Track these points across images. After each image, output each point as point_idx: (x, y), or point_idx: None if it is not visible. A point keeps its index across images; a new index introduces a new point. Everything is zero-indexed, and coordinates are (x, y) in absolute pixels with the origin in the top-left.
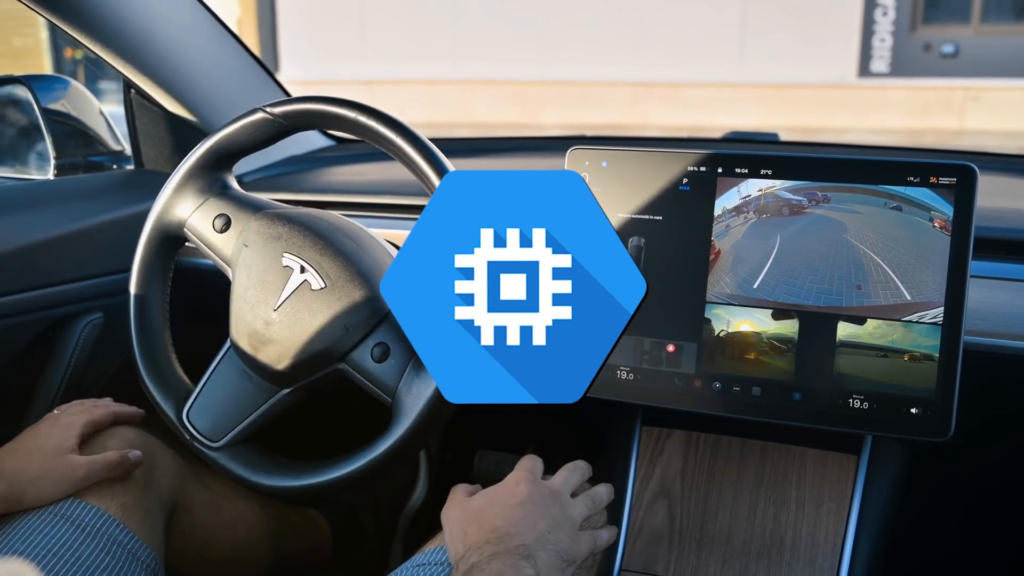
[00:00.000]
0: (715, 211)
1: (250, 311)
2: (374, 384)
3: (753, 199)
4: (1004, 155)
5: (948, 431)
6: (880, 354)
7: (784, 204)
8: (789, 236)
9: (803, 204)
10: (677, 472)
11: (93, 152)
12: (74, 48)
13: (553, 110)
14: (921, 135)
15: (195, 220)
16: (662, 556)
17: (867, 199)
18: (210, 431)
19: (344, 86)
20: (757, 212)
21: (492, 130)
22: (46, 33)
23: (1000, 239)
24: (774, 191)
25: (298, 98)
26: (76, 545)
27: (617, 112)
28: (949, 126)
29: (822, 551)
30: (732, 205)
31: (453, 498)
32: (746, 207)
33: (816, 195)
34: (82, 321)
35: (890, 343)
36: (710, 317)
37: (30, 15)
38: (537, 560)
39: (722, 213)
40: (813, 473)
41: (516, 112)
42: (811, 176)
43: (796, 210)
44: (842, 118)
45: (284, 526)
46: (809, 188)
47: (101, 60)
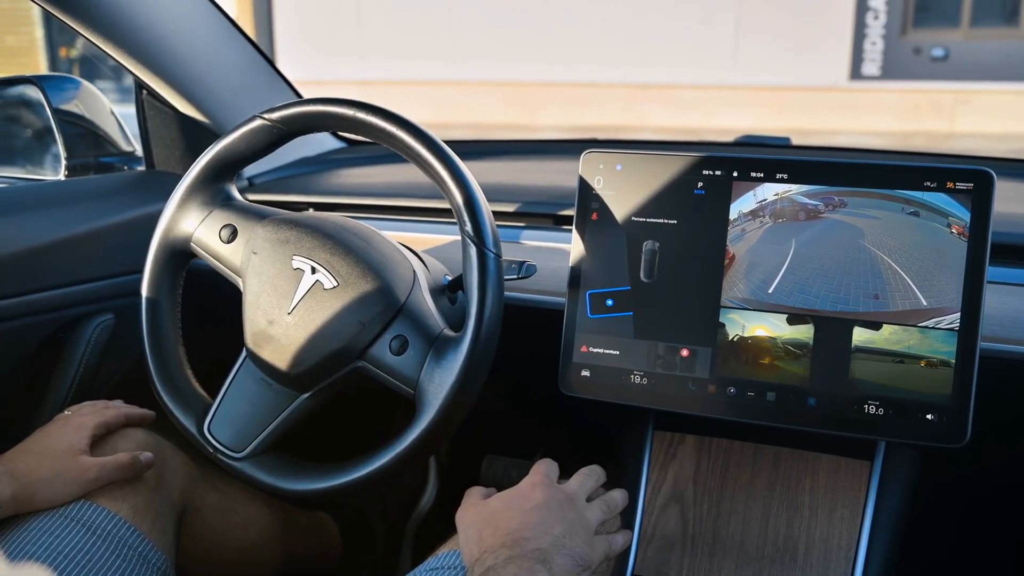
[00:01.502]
0: (730, 215)
1: (264, 317)
2: (395, 377)
3: (769, 203)
4: (1020, 160)
5: (964, 437)
6: (896, 360)
7: (800, 209)
8: (804, 241)
9: (819, 209)
10: (690, 477)
11: (104, 153)
12: (69, 47)
13: (551, 111)
14: (912, 137)
15: (201, 233)
16: (674, 561)
17: (884, 204)
18: (233, 442)
19: (341, 86)
20: (773, 216)
21: (490, 131)
22: (41, 32)
23: (1017, 244)
24: (790, 195)
25: (295, 102)
26: (87, 547)
27: (614, 113)
28: (940, 129)
29: (835, 557)
30: (747, 209)
31: (468, 501)
32: (761, 211)
33: (833, 200)
34: (93, 322)
35: (906, 349)
36: (724, 321)
37: (24, 13)
38: (553, 564)
39: (737, 217)
40: (826, 479)
41: (514, 113)
42: (826, 180)
43: (812, 215)
44: (834, 120)
45: (294, 529)
46: (826, 193)
47: (114, 61)
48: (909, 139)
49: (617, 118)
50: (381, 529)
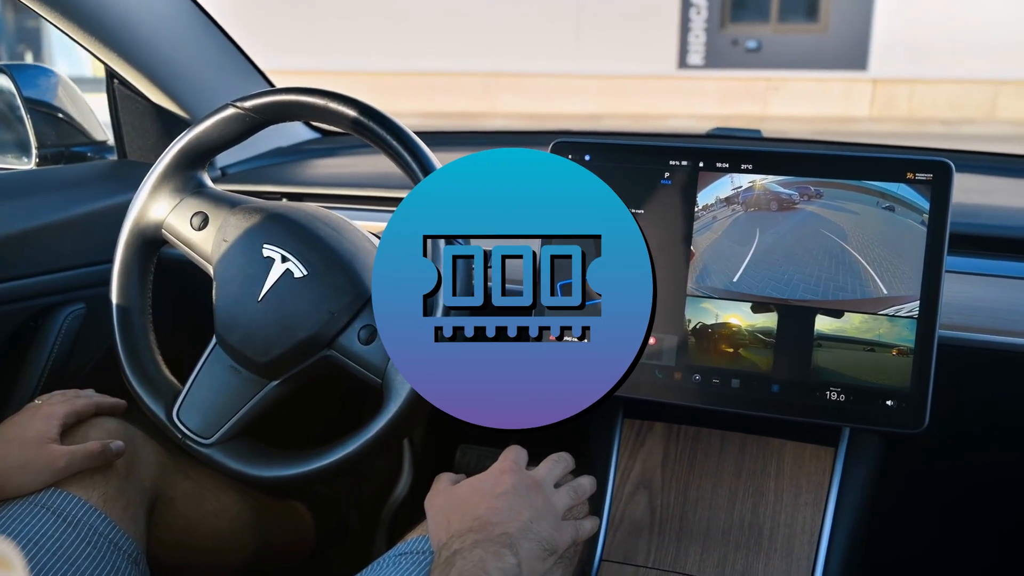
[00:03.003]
0: (697, 205)
1: (234, 304)
2: (363, 366)
3: (735, 194)
4: (982, 153)
5: (923, 423)
6: (857, 347)
7: (773, 198)
8: (770, 231)
9: (793, 199)
10: (658, 464)
11: (76, 142)
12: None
13: (410, 99)
14: (731, 120)
15: (172, 220)
16: (642, 546)
17: (857, 196)
18: (201, 429)
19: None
20: (739, 207)
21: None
22: None
23: (976, 235)
24: (757, 186)
25: (267, 90)
26: (57, 535)
27: (469, 100)
28: (755, 112)
29: (799, 541)
30: (714, 200)
31: (437, 486)
32: (728, 202)
33: (809, 190)
34: (64, 312)
35: (867, 336)
36: (690, 310)
37: None
38: (519, 549)
39: (703, 207)
40: (791, 465)
41: (375, 101)
42: (790, 171)
43: (785, 205)
44: (665, 104)
45: (267, 518)
46: (798, 183)
47: (85, 49)
48: (727, 121)
49: (472, 105)
50: (355, 518)
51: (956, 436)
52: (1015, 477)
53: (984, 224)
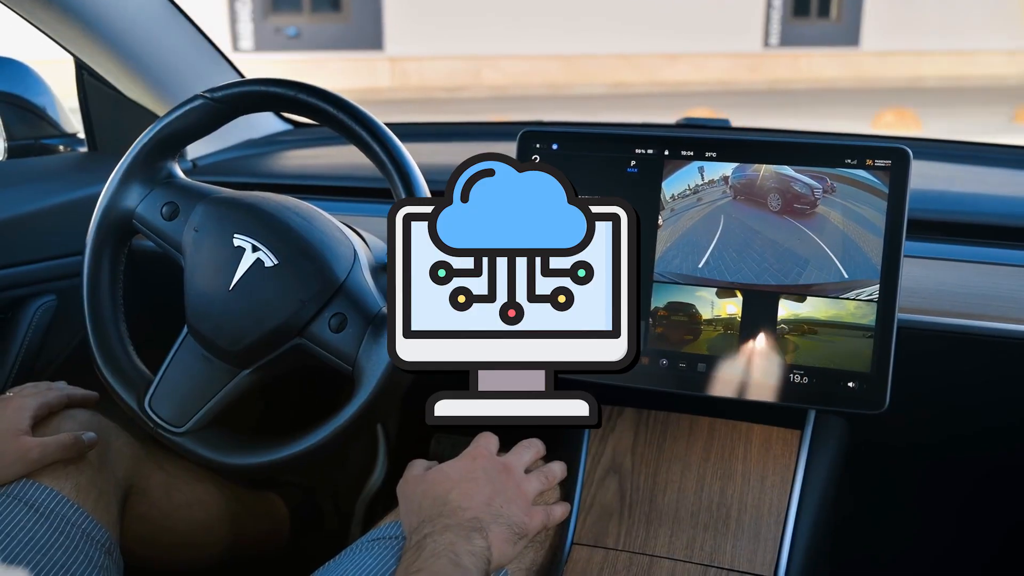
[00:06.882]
0: (663, 192)
1: (205, 293)
2: (334, 354)
3: (700, 182)
4: (943, 141)
5: (883, 403)
6: (820, 330)
7: (730, 186)
8: (734, 217)
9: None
10: (628, 448)
11: (46, 134)
12: None
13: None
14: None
15: (143, 210)
16: (612, 530)
17: None
18: (173, 418)
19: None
20: (704, 194)
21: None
22: None
23: (938, 220)
24: (722, 174)
25: (237, 82)
26: (29, 525)
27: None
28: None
29: (766, 523)
30: (680, 188)
31: (409, 472)
32: (693, 189)
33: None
34: (35, 304)
35: (829, 319)
36: (657, 296)
37: None
38: (489, 533)
39: (670, 195)
40: (759, 448)
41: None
42: (753, 158)
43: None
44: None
45: (241, 509)
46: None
47: (54, 41)
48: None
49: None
50: (330, 508)
51: (918, 416)
52: (974, 454)
53: (945, 210)
